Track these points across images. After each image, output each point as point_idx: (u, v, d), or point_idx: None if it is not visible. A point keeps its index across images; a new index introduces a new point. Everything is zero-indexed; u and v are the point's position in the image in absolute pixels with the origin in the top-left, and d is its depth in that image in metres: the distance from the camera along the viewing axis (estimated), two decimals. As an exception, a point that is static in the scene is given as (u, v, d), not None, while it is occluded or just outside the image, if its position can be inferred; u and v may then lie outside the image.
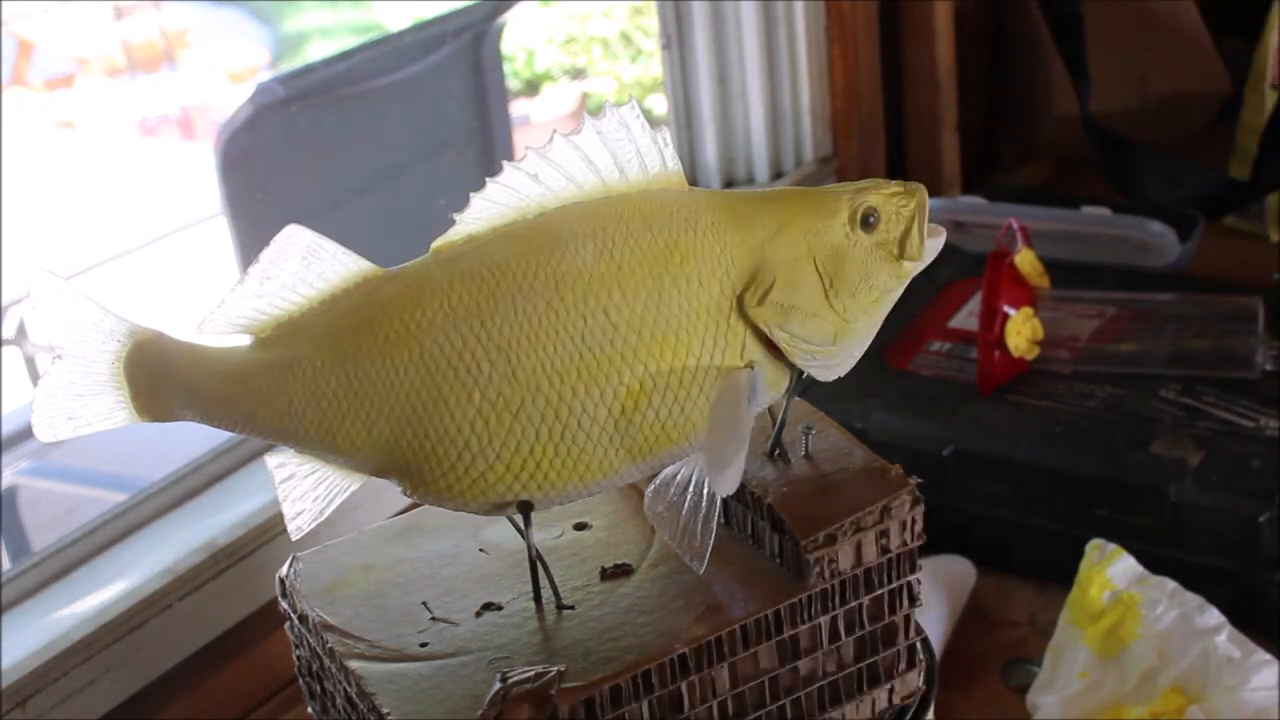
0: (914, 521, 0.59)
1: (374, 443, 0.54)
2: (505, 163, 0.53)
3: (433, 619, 0.58)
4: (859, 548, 0.57)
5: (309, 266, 0.53)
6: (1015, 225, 1.11)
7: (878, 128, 1.42)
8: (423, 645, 0.56)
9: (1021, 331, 1.04)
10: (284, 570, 0.61)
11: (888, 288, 0.58)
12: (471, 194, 0.54)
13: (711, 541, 0.54)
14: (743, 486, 0.58)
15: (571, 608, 0.57)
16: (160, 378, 0.55)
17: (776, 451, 0.60)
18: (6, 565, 0.85)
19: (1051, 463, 0.97)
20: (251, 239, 1.44)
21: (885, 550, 0.58)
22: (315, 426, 0.54)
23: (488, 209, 0.54)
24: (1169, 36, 1.52)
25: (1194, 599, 0.85)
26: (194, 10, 3.81)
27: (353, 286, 0.54)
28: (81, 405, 0.56)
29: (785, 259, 0.55)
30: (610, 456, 0.54)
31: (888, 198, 0.56)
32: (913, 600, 0.60)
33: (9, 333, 2.28)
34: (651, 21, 1.39)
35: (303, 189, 1.47)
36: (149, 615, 0.82)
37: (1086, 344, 1.09)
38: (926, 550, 1.00)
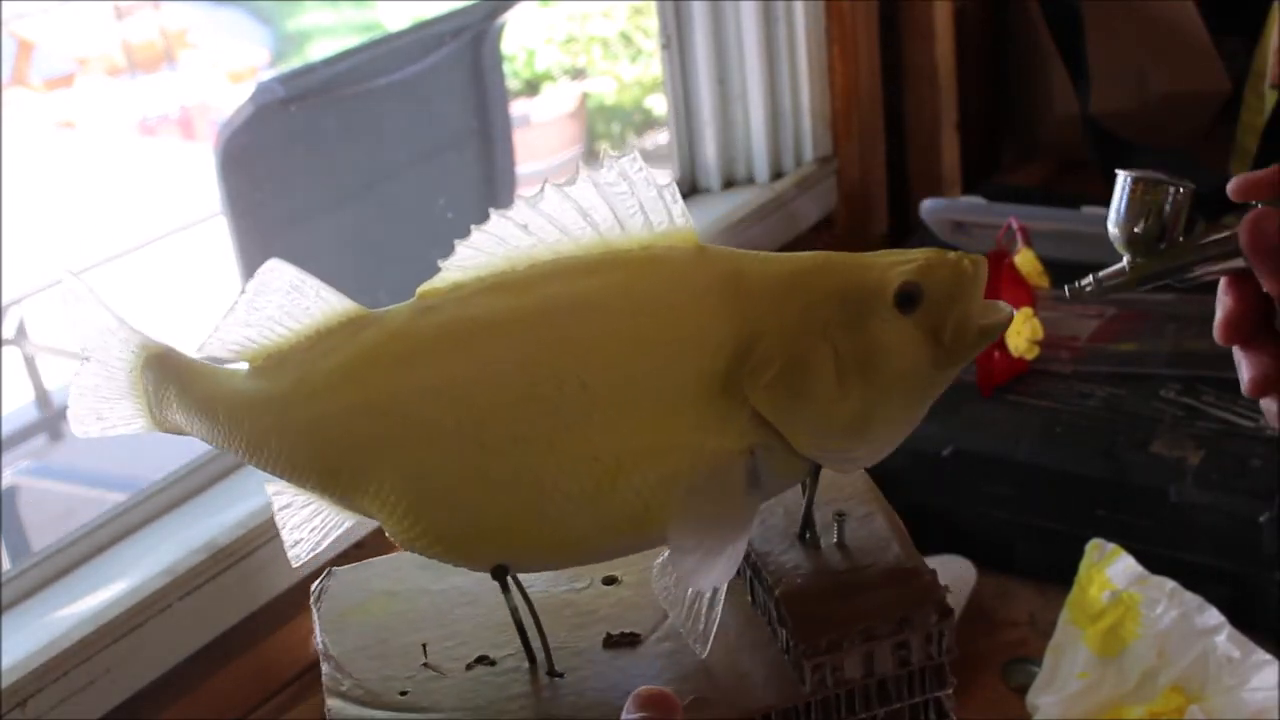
0: (941, 635, 0.53)
1: (358, 487, 0.53)
2: (493, 211, 0.49)
3: (424, 664, 0.55)
4: (870, 657, 0.52)
5: (292, 301, 0.53)
6: (1015, 225, 1.11)
7: (878, 128, 1.42)
8: (402, 694, 0.53)
9: (1021, 331, 1.04)
10: (315, 585, 0.59)
11: (927, 380, 0.50)
12: (457, 241, 0.50)
13: (715, 626, 0.50)
14: (763, 569, 0.54)
15: (560, 675, 0.53)
16: (164, 392, 0.56)
17: (806, 534, 0.55)
18: (6, 565, 0.85)
19: (1051, 463, 0.97)
20: (251, 239, 1.44)
21: (905, 663, 0.52)
22: (305, 462, 0.53)
23: (474, 257, 0.50)
24: (1169, 36, 1.52)
25: (1194, 599, 0.85)
26: (194, 10, 3.80)
27: (337, 326, 0.52)
28: (107, 408, 0.58)
29: (794, 337, 0.48)
30: (586, 530, 0.51)
31: (937, 272, 0.49)
32: (942, 717, 0.54)
33: (9, 333, 2.28)
34: (651, 21, 1.39)
35: (303, 189, 1.47)
36: (149, 615, 0.82)
37: (1086, 344, 1.09)
38: (927, 550, 1.01)
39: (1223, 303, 0.53)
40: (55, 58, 3.55)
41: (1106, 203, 0.97)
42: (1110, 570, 0.87)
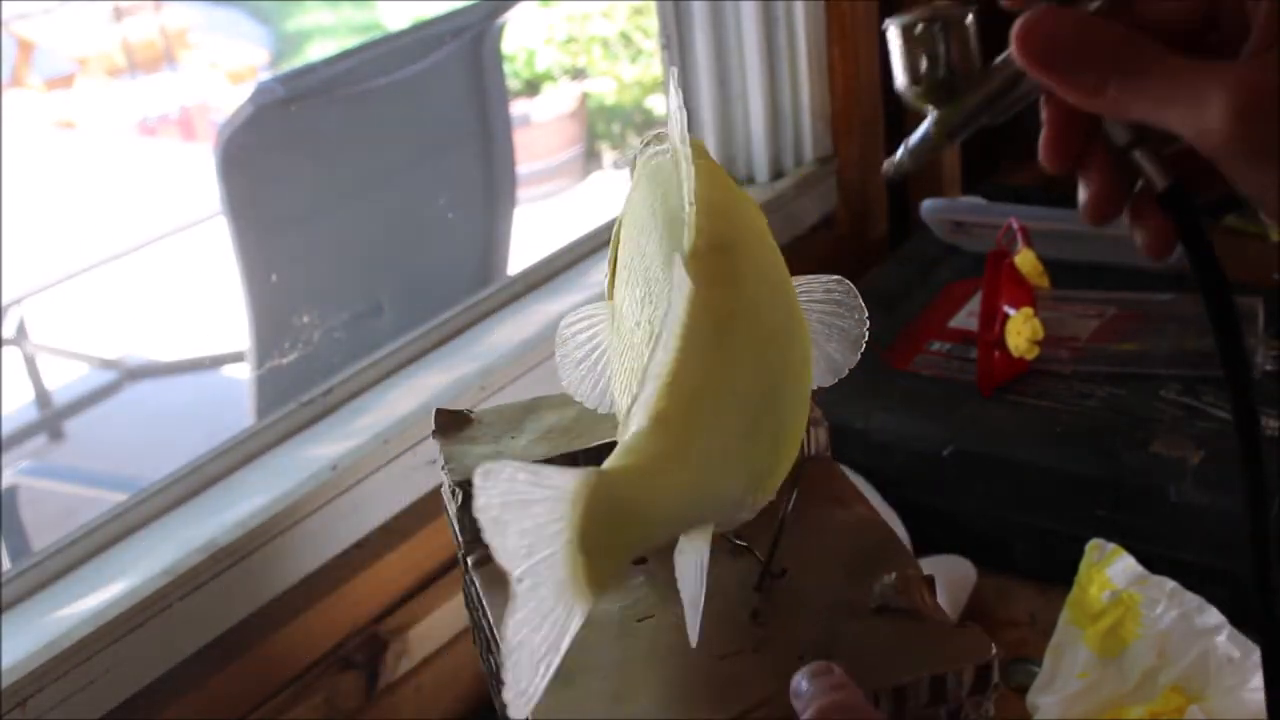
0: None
1: (772, 449, 0.51)
2: (682, 146, 0.53)
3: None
4: None
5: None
6: (1015, 225, 1.11)
7: (878, 128, 1.42)
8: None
9: (1021, 331, 1.04)
10: None
11: None
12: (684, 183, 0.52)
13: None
14: None
15: (784, 572, 0.57)
16: (621, 523, 0.43)
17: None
18: (6, 565, 0.85)
19: (1051, 463, 0.97)
20: (251, 239, 1.44)
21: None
22: (744, 462, 0.49)
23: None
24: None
25: (1194, 599, 0.85)
26: (194, 10, 3.81)
27: (685, 314, 0.47)
28: (543, 634, 0.41)
29: None
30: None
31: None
32: None
33: (9, 333, 2.28)
34: (651, 21, 1.39)
35: (303, 189, 1.47)
36: (149, 615, 0.82)
37: (1086, 344, 1.09)
38: (927, 550, 1.01)
39: (1044, 124, 0.48)
40: (55, 58, 3.55)
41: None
42: (1110, 570, 0.87)
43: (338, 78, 1.47)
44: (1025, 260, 1.08)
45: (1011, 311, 1.04)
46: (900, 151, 0.53)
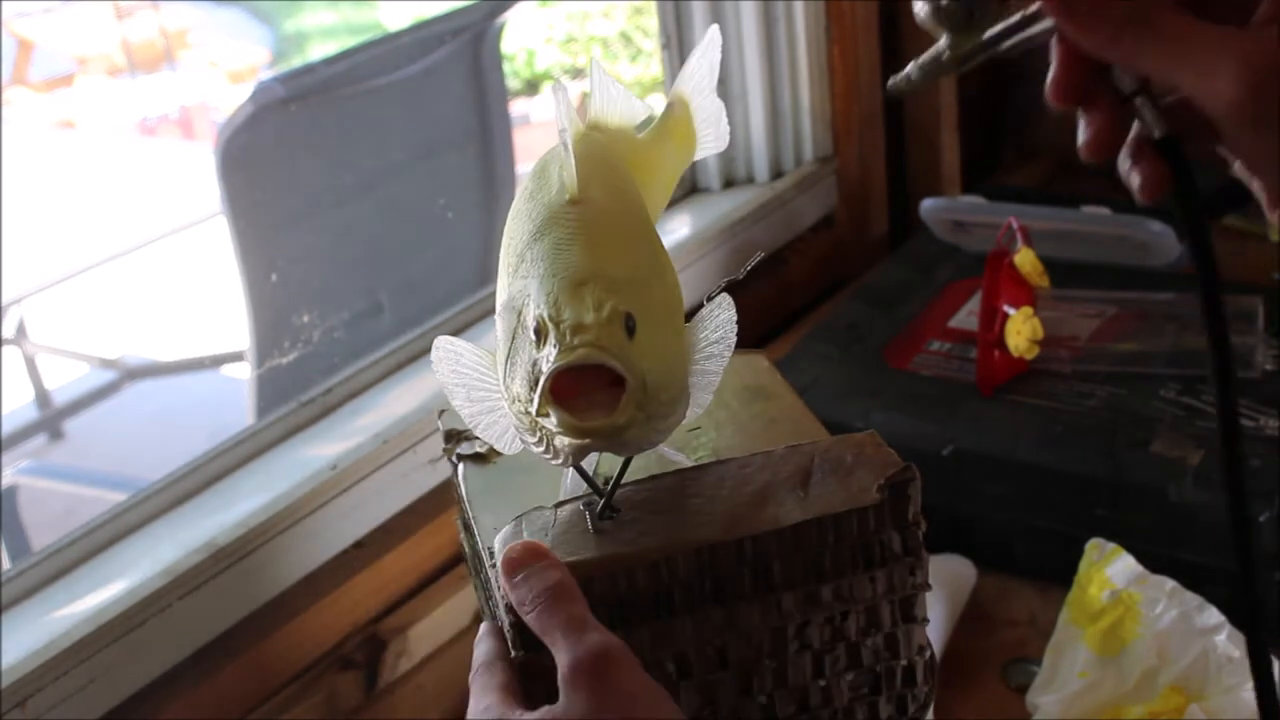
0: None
1: None
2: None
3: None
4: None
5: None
6: (1015, 225, 1.11)
7: (878, 128, 1.42)
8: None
9: (1021, 331, 1.04)
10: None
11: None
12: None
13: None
14: None
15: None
16: None
17: None
18: (6, 565, 0.85)
19: (1051, 463, 0.97)
20: (251, 239, 1.44)
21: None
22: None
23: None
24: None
25: (1194, 599, 0.85)
26: (194, 10, 3.81)
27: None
28: None
29: None
30: None
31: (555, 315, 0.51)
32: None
33: (9, 333, 2.29)
34: (651, 21, 1.39)
35: (303, 189, 1.47)
36: (149, 615, 0.82)
37: (1086, 344, 1.09)
38: (927, 550, 1.01)
39: (1052, 63, 0.50)
40: (55, 58, 3.56)
41: (1106, 203, 0.96)
42: (1110, 570, 0.87)
43: (338, 78, 1.47)
44: (1025, 260, 1.08)
45: (1011, 311, 1.04)
46: (910, 67, 0.53)
